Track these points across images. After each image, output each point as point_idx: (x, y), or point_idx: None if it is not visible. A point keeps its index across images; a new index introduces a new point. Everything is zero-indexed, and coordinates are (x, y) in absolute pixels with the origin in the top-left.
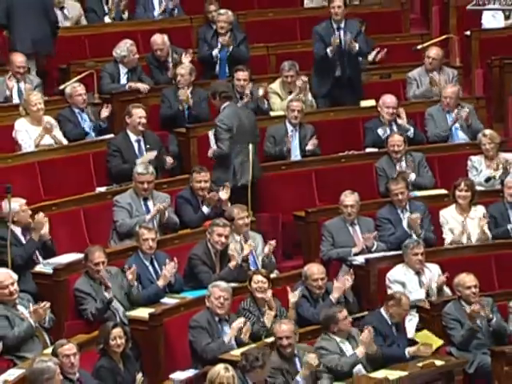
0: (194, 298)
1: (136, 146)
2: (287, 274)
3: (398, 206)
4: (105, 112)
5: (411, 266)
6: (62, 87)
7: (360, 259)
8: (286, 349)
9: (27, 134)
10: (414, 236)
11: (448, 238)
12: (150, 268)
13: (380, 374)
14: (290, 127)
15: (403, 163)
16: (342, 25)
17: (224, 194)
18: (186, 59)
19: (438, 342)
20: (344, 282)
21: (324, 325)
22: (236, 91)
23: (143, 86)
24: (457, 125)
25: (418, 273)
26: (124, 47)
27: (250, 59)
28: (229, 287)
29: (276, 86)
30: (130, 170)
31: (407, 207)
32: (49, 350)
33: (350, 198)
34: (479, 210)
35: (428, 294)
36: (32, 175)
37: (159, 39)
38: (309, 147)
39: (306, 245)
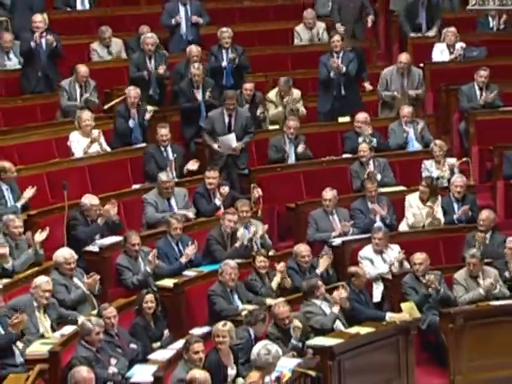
0: (209, 271)
1: (165, 153)
2: (281, 252)
3: (369, 199)
4: (148, 114)
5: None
6: (106, 107)
7: (338, 241)
8: (286, 325)
9: (78, 144)
10: (379, 222)
11: (410, 219)
12: (176, 248)
13: (353, 329)
14: (287, 139)
15: (371, 166)
16: (341, 54)
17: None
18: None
19: (416, 314)
20: (330, 257)
21: (308, 292)
22: (244, 98)
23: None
24: (413, 136)
25: (381, 251)
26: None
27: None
28: (236, 265)
29: (272, 95)
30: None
31: (375, 201)
32: (96, 312)
33: (329, 194)
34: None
35: (390, 268)
36: (82, 175)
37: (194, 48)
38: (298, 150)
39: (296, 230)
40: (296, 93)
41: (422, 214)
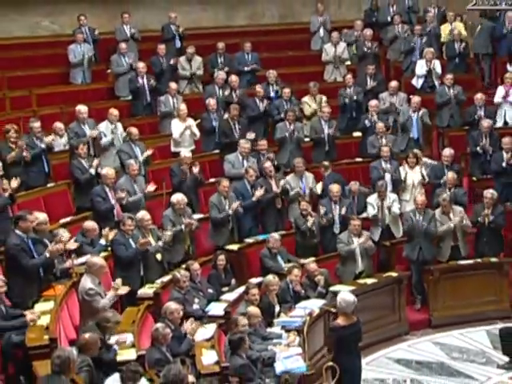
0: (262, 239)
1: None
2: None
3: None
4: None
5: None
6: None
7: None
8: (316, 276)
9: (177, 129)
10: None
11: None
12: (250, 190)
13: (361, 280)
14: (323, 121)
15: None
16: (352, 88)
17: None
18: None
19: None
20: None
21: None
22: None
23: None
24: (415, 122)
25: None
26: None
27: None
28: (279, 236)
29: (306, 98)
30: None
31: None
32: (196, 266)
33: (356, 186)
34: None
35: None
36: None
37: (260, 87)
38: (330, 132)
39: None
40: (324, 96)
41: (412, 177)
